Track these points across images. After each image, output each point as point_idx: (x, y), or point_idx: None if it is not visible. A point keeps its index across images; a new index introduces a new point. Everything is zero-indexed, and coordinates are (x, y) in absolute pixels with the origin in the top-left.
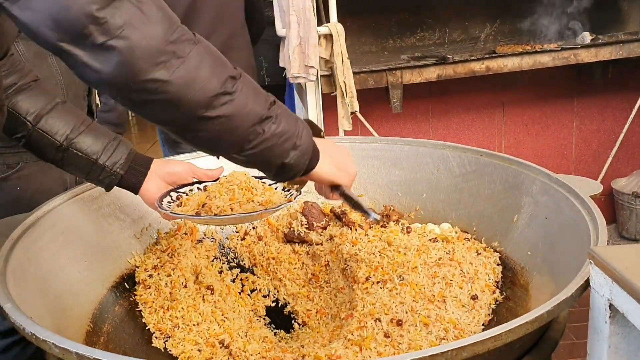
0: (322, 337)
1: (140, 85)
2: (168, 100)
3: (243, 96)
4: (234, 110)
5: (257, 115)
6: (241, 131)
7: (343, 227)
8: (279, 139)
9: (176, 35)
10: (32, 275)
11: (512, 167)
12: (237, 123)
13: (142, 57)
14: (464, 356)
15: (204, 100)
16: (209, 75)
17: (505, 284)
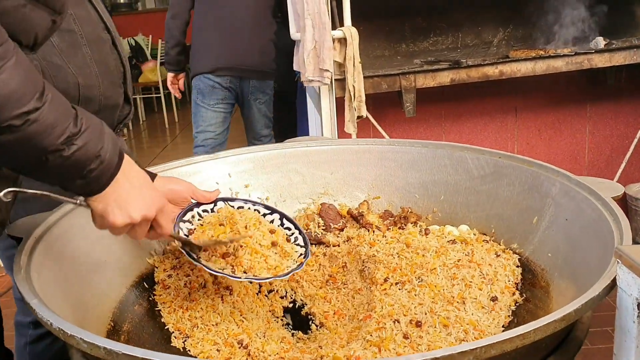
0: (340, 338)
1: None
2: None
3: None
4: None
5: (57, 123)
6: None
7: (360, 228)
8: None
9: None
10: (54, 273)
11: (532, 169)
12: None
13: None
14: (492, 354)
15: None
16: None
17: (524, 286)
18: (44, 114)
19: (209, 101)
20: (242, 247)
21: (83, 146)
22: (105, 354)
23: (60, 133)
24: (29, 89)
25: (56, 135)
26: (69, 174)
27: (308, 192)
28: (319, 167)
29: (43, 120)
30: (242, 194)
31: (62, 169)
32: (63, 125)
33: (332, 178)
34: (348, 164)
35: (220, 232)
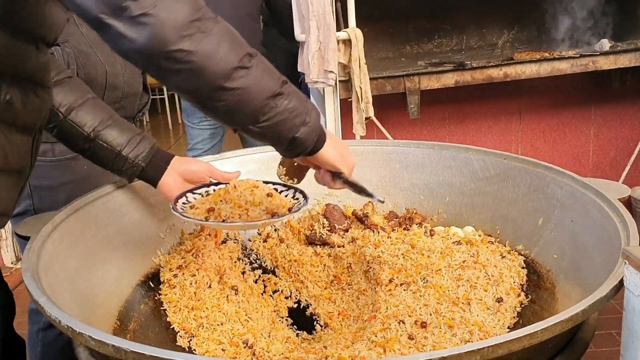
0: (344, 338)
1: (168, 55)
2: (192, 70)
3: (258, 71)
4: (250, 83)
5: (271, 90)
6: (256, 103)
7: (365, 229)
8: (290, 113)
9: (200, 13)
10: (61, 272)
11: (537, 171)
12: (253, 95)
13: (170, 29)
14: (499, 353)
15: (224, 72)
16: (228, 50)
17: (530, 287)
18: (256, 72)
19: (192, 120)
20: (226, 202)
21: (294, 97)
22: (113, 352)
23: (278, 77)
24: (273, 79)
25: (275, 79)
26: (287, 126)
27: (313, 193)
28: None
29: (261, 67)
30: None
31: (278, 124)
32: (276, 74)
33: None
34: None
35: (214, 195)
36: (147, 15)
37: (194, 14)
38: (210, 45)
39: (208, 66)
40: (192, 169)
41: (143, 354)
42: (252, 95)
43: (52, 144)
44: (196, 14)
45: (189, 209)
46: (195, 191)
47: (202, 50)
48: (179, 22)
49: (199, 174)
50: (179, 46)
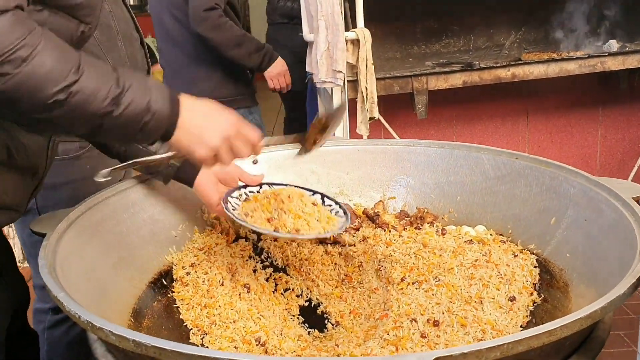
0: (356, 336)
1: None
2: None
3: (85, 78)
4: (77, 100)
5: (101, 94)
6: (86, 114)
7: (376, 228)
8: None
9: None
10: (77, 268)
11: (549, 170)
12: (82, 110)
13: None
14: (519, 350)
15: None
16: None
17: (542, 287)
18: (84, 83)
19: None
20: (285, 212)
21: (130, 103)
22: (134, 347)
23: (105, 96)
24: (64, 65)
25: (101, 100)
26: (128, 130)
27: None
28: (335, 167)
29: (85, 89)
30: None
31: (119, 128)
32: (105, 89)
33: (347, 178)
34: (363, 164)
35: (265, 204)
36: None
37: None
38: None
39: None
40: (225, 169)
41: (164, 349)
42: (83, 109)
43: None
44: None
45: (244, 216)
46: (231, 195)
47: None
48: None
49: (231, 174)
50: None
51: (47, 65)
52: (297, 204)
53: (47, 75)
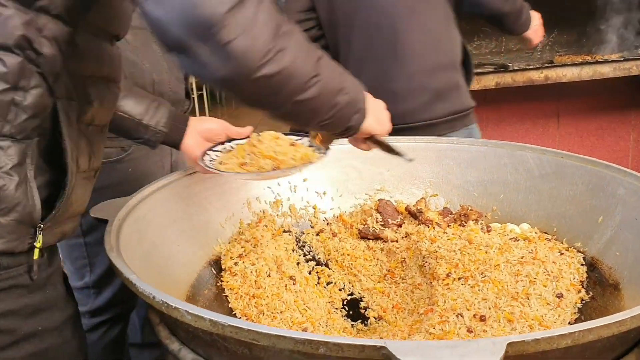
0: (400, 330)
1: (251, 82)
2: (272, 89)
3: (327, 74)
4: (321, 90)
5: (335, 89)
6: (325, 107)
7: (419, 225)
8: (350, 107)
9: (280, 30)
10: (136, 253)
11: (596, 169)
12: (323, 100)
13: (253, 59)
14: (590, 338)
15: (300, 86)
16: (302, 63)
17: (590, 284)
18: (326, 75)
19: None
20: (256, 154)
21: (347, 81)
22: (211, 326)
23: (339, 80)
24: (311, 61)
25: (342, 82)
26: (351, 109)
27: (364, 188)
28: (376, 163)
29: (327, 79)
30: (300, 188)
31: (348, 107)
32: (345, 81)
33: (388, 174)
34: (405, 161)
35: (240, 149)
36: (232, 44)
37: (275, 34)
38: (288, 62)
39: (287, 84)
40: (210, 127)
41: (241, 328)
42: (323, 100)
43: None
44: (277, 33)
45: (219, 164)
46: (214, 149)
47: (282, 70)
48: (262, 49)
49: (217, 131)
50: (262, 73)
51: (330, 82)
52: (268, 145)
53: (331, 90)
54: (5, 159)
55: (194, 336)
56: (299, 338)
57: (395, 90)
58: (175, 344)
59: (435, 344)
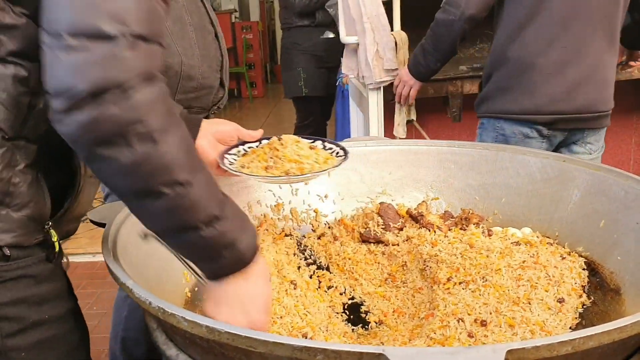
0: (401, 335)
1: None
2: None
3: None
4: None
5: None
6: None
7: (420, 228)
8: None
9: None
10: (134, 258)
11: (598, 173)
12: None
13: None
14: (590, 345)
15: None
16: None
17: (591, 289)
18: (194, 190)
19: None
20: (281, 158)
21: (222, 232)
22: (207, 332)
23: (204, 212)
24: (185, 162)
25: (199, 213)
26: (202, 253)
27: (366, 191)
28: (377, 166)
29: (191, 195)
30: (301, 191)
31: (196, 246)
32: (208, 205)
33: (390, 178)
34: (406, 164)
35: (261, 153)
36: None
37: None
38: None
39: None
40: (223, 129)
41: (238, 335)
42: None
43: None
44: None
45: (240, 168)
46: (229, 152)
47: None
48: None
49: (229, 133)
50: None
51: (170, 155)
52: (291, 148)
53: (166, 165)
54: (20, 159)
55: (191, 342)
56: (296, 345)
57: (607, 77)
58: (173, 350)
59: (434, 351)
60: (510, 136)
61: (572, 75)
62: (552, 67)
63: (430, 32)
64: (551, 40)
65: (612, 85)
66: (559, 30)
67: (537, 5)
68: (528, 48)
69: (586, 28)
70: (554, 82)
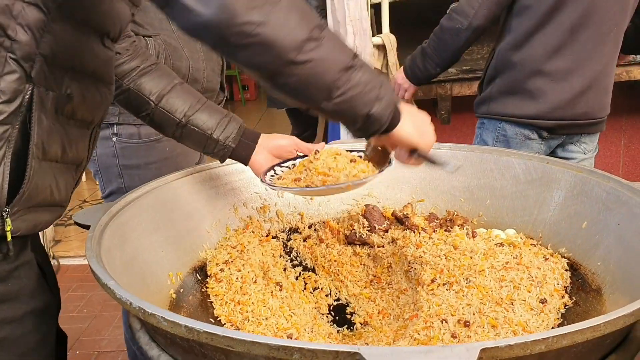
0: (385, 336)
1: (237, 28)
2: (261, 43)
3: (329, 44)
4: (321, 55)
5: (343, 62)
6: (329, 77)
7: (405, 230)
8: (364, 87)
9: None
10: (118, 260)
11: (581, 175)
12: (325, 68)
13: (238, 1)
14: (563, 344)
15: (294, 44)
16: (297, 22)
17: (573, 290)
18: (325, 46)
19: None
20: (311, 170)
21: (367, 69)
22: (186, 332)
23: (349, 53)
24: (307, 24)
25: (347, 54)
26: (362, 101)
27: (352, 194)
28: None
29: (331, 39)
30: (287, 193)
31: (352, 98)
32: (348, 49)
33: (375, 180)
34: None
35: (300, 165)
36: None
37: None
38: (279, 16)
39: (278, 39)
40: (279, 144)
41: (216, 334)
42: (324, 68)
43: (138, 126)
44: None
45: (277, 180)
46: (282, 164)
47: (271, 22)
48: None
49: (287, 148)
50: (248, 18)
51: (334, 52)
52: (324, 161)
53: (334, 60)
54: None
55: (172, 342)
56: (273, 344)
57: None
58: (155, 350)
59: (409, 350)
60: (512, 137)
61: (577, 83)
62: (557, 75)
63: (434, 37)
64: (558, 48)
65: (611, 92)
66: (567, 38)
67: (549, 15)
68: (535, 54)
69: (594, 37)
70: (559, 90)
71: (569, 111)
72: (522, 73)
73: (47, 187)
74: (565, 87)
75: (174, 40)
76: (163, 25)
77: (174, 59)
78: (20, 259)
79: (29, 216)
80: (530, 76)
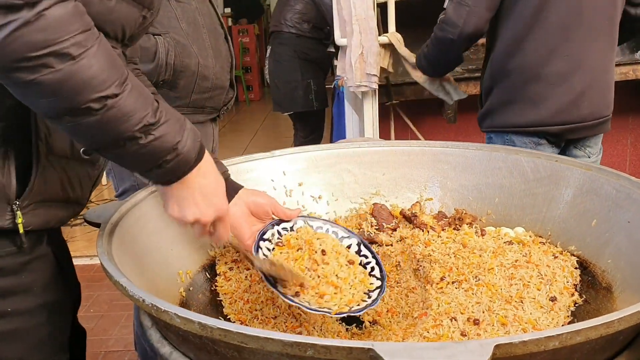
0: (394, 334)
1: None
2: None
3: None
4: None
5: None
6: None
7: (414, 229)
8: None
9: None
10: (129, 258)
11: (590, 172)
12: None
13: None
14: (577, 340)
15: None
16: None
17: (583, 288)
18: (123, 101)
19: None
20: (320, 277)
21: (160, 137)
22: (199, 329)
23: (138, 121)
24: (109, 76)
25: (133, 123)
26: (146, 161)
27: (360, 192)
28: (371, 167)
29: (121, 107)
30: (295, 192)
31: (138, 156)
32: (141, 114)
33: (383, 179)
34: (400, 165)
35: (297, 257)
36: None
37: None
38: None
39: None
40: (259, 202)
41: (229, 331)
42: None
43: None
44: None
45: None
46: (264, 238)
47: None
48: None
49: (264, 207)
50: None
51: (92, 70)
52: (332, 266)
53: (89, 81)
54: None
55: (184, 339)
56: (287, 340)
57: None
58: (167, 348)
59: (423, 346)
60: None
61: (577, 84)
62: (556, 77)
63: (431, 45)
64: (552, 49)
65: (613, 88)
66: (560, 39)
67: (535, 16)
68: (529, 59)
69: (588, 34)
70: (560, 93)
71: (574, 113)
72: (520, 80)
73: (57, 182)
74: (565, 89)
75: (183, 38)
76: (172, 23)
77: (183, 57)
78: (35, 252)
79: (40, 211)
80: (528, 82)
